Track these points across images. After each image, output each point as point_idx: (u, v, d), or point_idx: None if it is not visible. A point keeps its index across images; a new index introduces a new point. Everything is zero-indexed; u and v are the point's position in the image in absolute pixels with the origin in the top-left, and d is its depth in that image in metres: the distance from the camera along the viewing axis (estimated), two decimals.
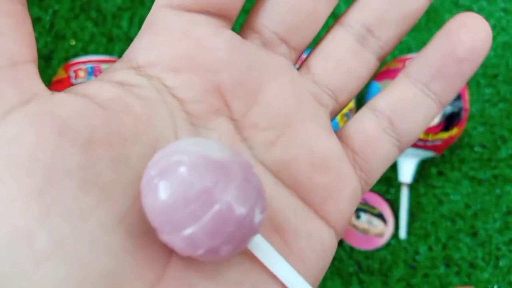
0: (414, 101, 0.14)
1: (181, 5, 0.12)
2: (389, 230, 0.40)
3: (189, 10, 0.12)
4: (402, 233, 0.40)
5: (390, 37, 0.14)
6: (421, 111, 0.14)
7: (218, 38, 0.12)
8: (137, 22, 0.45)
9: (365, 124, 0.14)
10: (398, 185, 0.42)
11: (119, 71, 0.12)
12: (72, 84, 0.34)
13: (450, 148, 0.43)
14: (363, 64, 0.14)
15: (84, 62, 0.35)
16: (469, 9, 0.48)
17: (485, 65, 0.46)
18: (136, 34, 0.44)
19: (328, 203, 0.13)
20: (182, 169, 0.10)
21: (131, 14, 0.45)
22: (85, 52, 0.44)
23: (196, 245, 0.10)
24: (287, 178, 0.13)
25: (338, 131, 0.14)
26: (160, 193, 0.10)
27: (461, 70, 0.13)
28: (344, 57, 0.14)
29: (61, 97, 0.11)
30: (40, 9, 0.45)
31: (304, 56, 0.32)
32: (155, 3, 0.13)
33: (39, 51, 0.43)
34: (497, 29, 0.48)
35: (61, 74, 0.36)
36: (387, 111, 0.14)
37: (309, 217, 0.13)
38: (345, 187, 0.13)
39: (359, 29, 0.14)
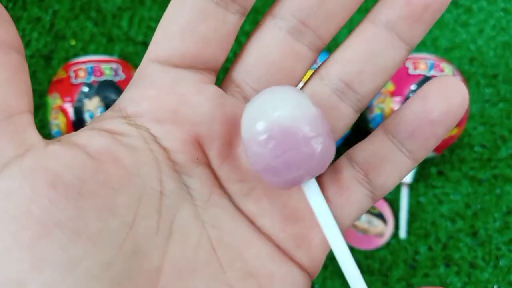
0: (389, 156, 0.14)
1: (168, 61, 0.13)
2: (389, 230, 0.40)
3: (176, 65, 0.13)
4: (402, 233, 0.40)
5: (369, 90, 0.14)
6: (395, 167, 0.14)
7: (200, 95, 0.13)
8: (137, 22, 0.45)
9: (341, 174, 0.15)
10: (398, 185, 0.42)
11: (110, 120, 0.13)
12: (72, 84, 0.34)
13: (450, 148, 0.43)
14: (340, 119, 0.14)
15: (84, 62, 0.35)
16: (469, 9, 0.48)
17: (485, 65, 0.46)
18: (135, 34, 0.44)
19: (300, 250, 0.14)
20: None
21: (131, 14, 0.45)
22: (85, 52, 0.44)
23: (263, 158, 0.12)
24: (262, 227, 0.14)
25: (318, 176, 0.15)
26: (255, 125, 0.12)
27: (435, 132, 0.13)
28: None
29: (54, 149, 0.11)
30: (40, 9, 0.45)
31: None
32: (144, 57, 0.13)
33: (39, 51, 0.43)
34: (497, 29, 0.48)
35: (61, 74, 0.36)
36: (363, 163, 0.14)
37: (283, 262, 0.14)
38: (316, 235, 0.14)
39: (338, 83, 0.14)
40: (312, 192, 0.13)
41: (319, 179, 0.15)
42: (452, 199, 0.42)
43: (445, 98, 0.13)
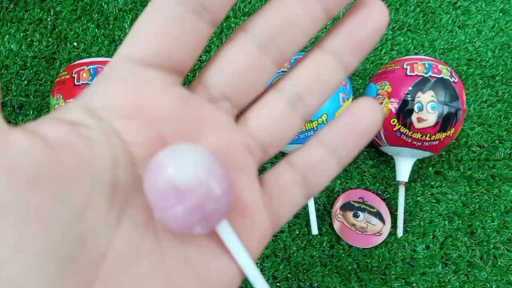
0: (322, 161, 0.17)
1: (139, 60, 0.14)
2: (386, 229, 0.40)
3: (146, 65, 0.14)
4: (400, 232, 0.40)
5: (315, 104, 0.16)
6: (327, 170, 0.17)
7: (166, 94, 0.14)
8: None
9: (282, 176, 0.17)
10: (395, 184, 0.42)
11: (74, 110, 0.14)
12: (75, 85, 0.34)
13: (448, 148, 0.43)
14: (290, 125, 0.16)
15: (87, 64, 0.35)
16: (467, 10, 0.48)
17: (483, 66, 0.46)
18: None
19: (242, 242, 0.15)
20: (170, 170, 0.13)
21: (133, 16, 0.45)
22: (87, 53, 0.44)
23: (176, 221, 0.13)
24: None
25: (260, 178, 0.17)
26: (159, 182, 0.13)
27: (359, 141, 0.16)
28: (276, 119, 0.16)
29: (14, 137, 0.12)
30: (42, 10, 0.45)
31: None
32: (116, 54, 0.14)
33: (41, 52, 0.44)
34: (495, 29, 0.48)
35: (64, 75, 0.36)
36: (301, 167, 0.17)
37: (222, 254, 0.15)
38: (257, 229, 0.16)
39: (291, 96, 0.16)
40: (225, 232, 0.14)
41: (262, 180, 0.17)
42: (449, 199, 0.42)
43: (368, 115, 0.16)
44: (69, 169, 0.12)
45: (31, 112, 0.42)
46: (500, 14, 0.49)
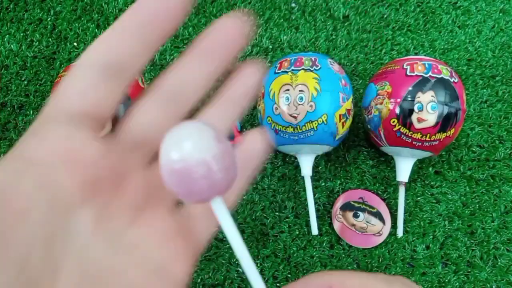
0: None
1: (68, 111, 0.16)
2: (386, 229, 0.40)
3: (75, 115, 0.16)
4: (400, 232, 0.40)
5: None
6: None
7: (92, 144, 0.16)
8: None
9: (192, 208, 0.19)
10: (395, 184, 0.42)
11: (8, 162, 0.15)
12: None
13: (448, 148, 0.43)
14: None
15: None
16: (467, 10, 0.48)
17: (483, 66, 0.46)
18: None
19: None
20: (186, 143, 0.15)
21: None
22: None
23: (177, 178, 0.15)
24: (145, 252, 0.17)
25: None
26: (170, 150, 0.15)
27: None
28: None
29: None
30: (42, 10, 0.45)
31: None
32: (50, 103, 0.16)
33: (41, 52, 0.44)
34: (495, 29, 0.48)
35: (64, 75, 0.36)
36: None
37: (175, 238, 0.17)
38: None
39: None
40: (218, 207, 0.16)
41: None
42: (449, 199, 0.42)
43: (259, 143, 0.19)
44: (8, 218, 0.13)
45: (31, 112, 0.42)
46: (500, 14, 0.49)
